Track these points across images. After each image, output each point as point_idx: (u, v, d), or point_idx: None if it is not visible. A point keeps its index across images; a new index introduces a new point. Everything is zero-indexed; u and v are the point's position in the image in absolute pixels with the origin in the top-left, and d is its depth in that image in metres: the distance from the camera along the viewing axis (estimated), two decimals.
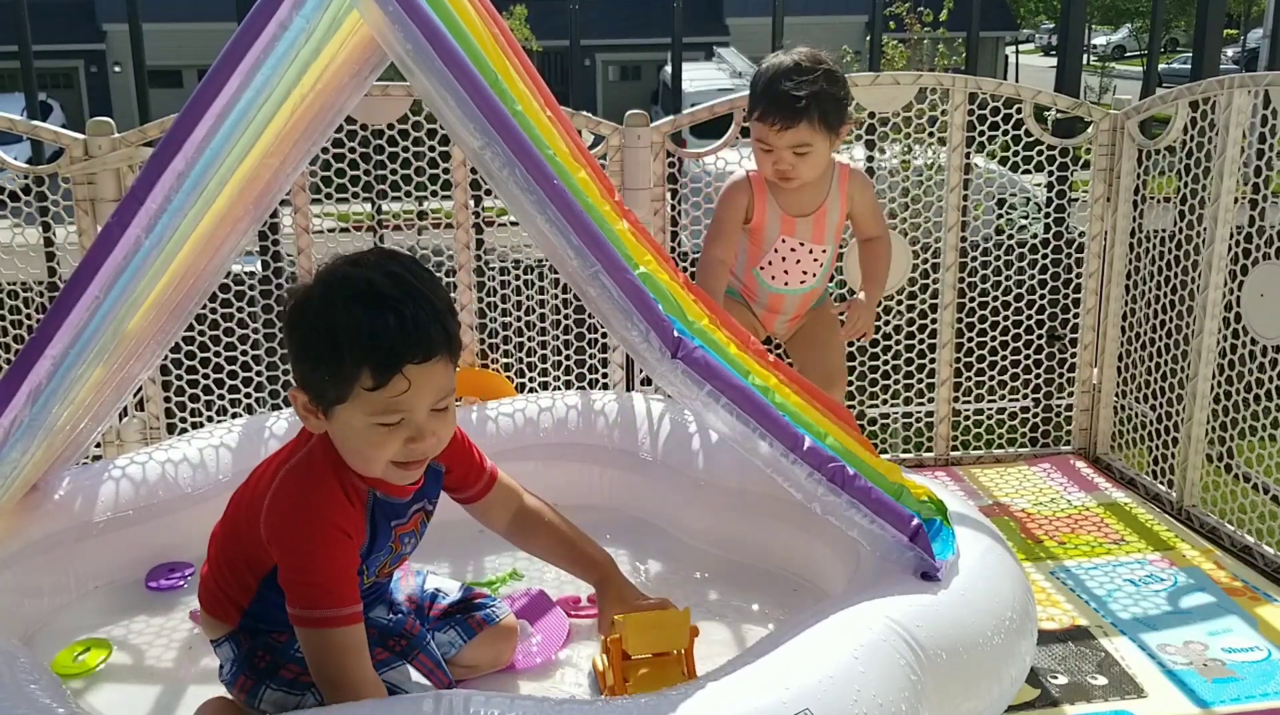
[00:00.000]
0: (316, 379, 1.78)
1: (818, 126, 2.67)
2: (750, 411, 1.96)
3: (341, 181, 3.29)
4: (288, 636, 1.92)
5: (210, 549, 2.03)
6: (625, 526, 2.77)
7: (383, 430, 1.78)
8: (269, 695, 1.93)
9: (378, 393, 1.75)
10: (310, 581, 1.80)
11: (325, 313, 1.75)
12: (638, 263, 1.97)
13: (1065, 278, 3.58)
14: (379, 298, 1.74)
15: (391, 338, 1.73)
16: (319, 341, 1.75)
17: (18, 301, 3.24)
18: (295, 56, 2.03)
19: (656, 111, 18.42)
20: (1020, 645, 1.95)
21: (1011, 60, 28.68)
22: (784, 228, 2.83)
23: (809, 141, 2.67)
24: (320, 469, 1.85)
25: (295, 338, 1.80)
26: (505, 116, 1.91)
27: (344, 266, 1.82)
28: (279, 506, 1.84)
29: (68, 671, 2.21)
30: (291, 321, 1.81)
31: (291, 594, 1.82)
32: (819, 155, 2.72)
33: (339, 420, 1.80)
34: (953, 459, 3.59)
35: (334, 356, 1.74)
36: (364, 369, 1.73)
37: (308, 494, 1.83)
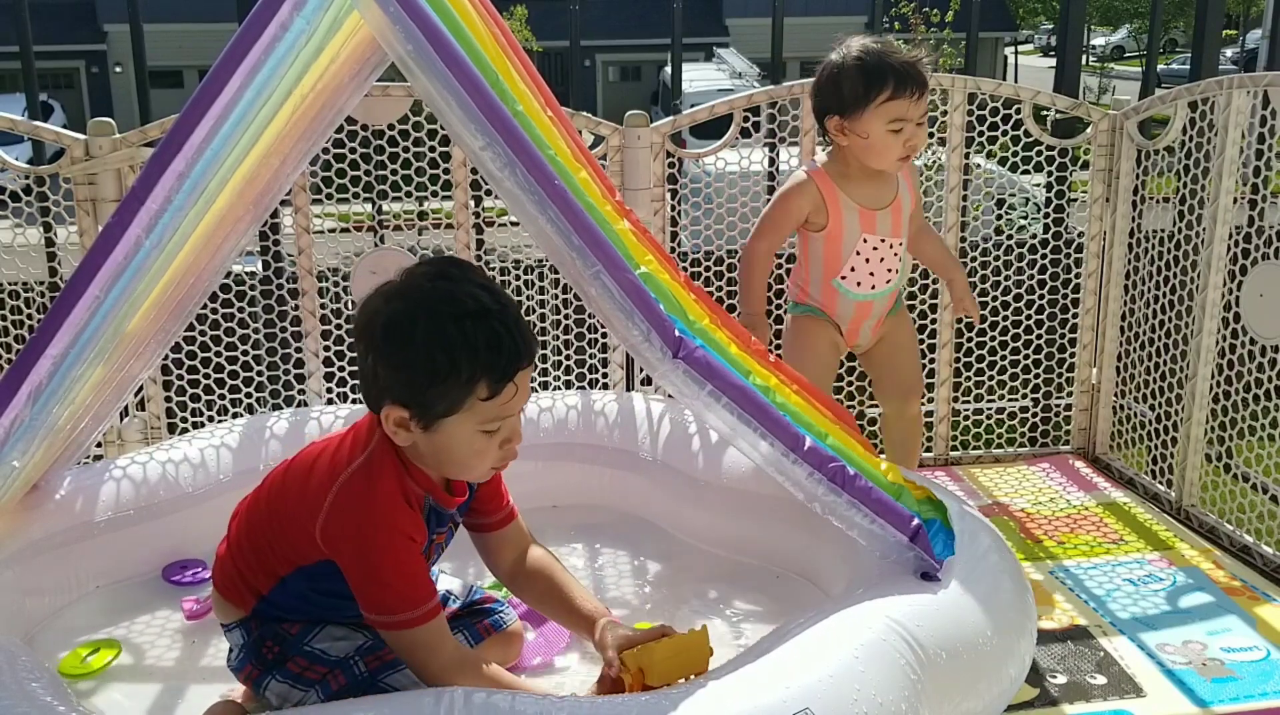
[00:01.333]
0: (430, 396, 1.79)
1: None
2: (751, 411, 1.96)
3: (342, 182, 3.30)
4: (300, 628, 1.93)
5: (233, 528, 2.01)
6: (625, 526, 2.78)
7: (485, 437, 1.84)
8: (274, 686, 1.94)
9: (490, 402, 1.80)
10: (385, 589, 1.82)
11: (439, 331, 1.76)
12: (639, 263, 1.97)
13: (1064, 278, 3.58)
14: (486, 312, 1.79)
15: (506, 350, 1.79)
16: (435, 360, 1.76)
17: (19, 301, 3.24)
18: (296, 57, 2.03)
19: (656, 112, 18.43)
20: (1020, 645, 1.95)
21: (1011, 61, 28.69)
22: (864, 224, 2.72)
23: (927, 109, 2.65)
24: (384, 478, 1.86)
25: (403, 357, 1.79)
26: (506, 117, 1.91)
27: (430, 282, 1.83)
28: (344, 517, 1.83)
29: (75, 672, 2.21)
30: (395, 342, 1.79)
31: (366, 602, 1.84)
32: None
33: (444, 432, 1.82)
34: (952, 459, 3.60)
35: (452, 372, 1.76)
36: (481, 382, 1.78)
37: (374, 506, 1.83)
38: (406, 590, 1.83)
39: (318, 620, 1.95)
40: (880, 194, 2.74)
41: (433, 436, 1.83)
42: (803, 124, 3.29)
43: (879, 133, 2.64)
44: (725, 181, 3.45)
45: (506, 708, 1.59)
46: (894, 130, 2.64)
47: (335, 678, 1.90)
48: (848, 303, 2.79)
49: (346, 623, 1.96)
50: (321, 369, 3.29)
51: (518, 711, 1.59)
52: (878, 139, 2.65)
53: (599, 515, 2.77)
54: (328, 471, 1.88)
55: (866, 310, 2.80)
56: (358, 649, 1.93)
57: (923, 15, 9.54)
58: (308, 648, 1.92)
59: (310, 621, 1.95)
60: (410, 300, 1.81)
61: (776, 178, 3.58)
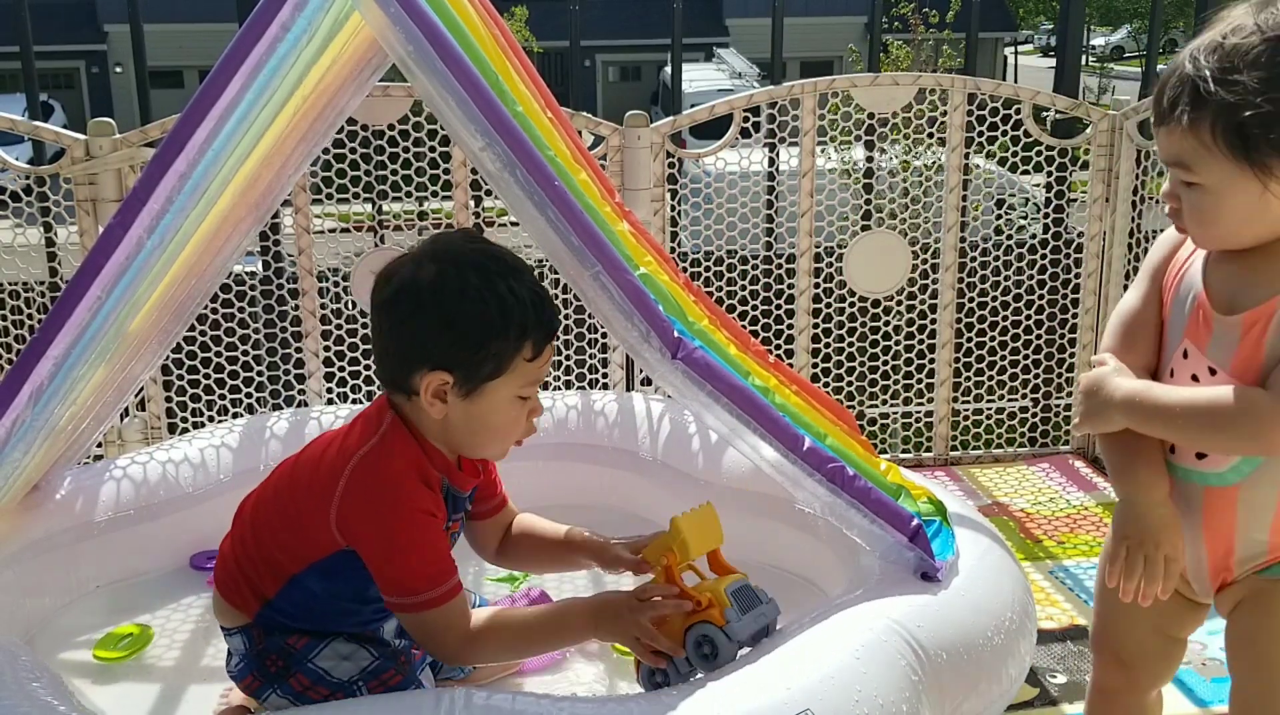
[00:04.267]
0: (480, 356, 1.77)
1: (1210, 139, 1.48)
2: (750, 412, 1.96)
3: (342, 182, 3.30)
4: (305, 643, 1.89)
5: (238, 526, 1.96)
6: (625, 526, 2.77)
7: (520, 405, 1.84)
8: (274, 700, 1.91)
9: (533, 363, 1.81)
10: (407, 567, 1.78)
11: (491, 287, 1.76)
12: (638, 264, 1.97)
13: (1064, 278, 3.59)
14: (524, 272, 1.82)
15: (549, 307, 1.83)
16: (489, 314, 1.76)
17: (19, 302, 3.25)
18: (297, 58, 2.03)
19: (656, 112, 18.44)
20: (1020, 645, 1.95)
21: (1010, 61, 28.70)
22: (1193, 326, 1.61)
23: (1184, 159, 1.51)
24: (401, 456, 1.82)
25: (456, 314, 1.76)
26: (506, 117, 1.91)
27: (466, 243, 1.86)
28: (360, 498, 1.79)
29: (109, 656, 2.25)
30: (449, 299, 1.76)
31: (387, 583, 1.80)
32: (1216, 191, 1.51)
33: (485, 398, 1.80)
34: (952, 459, 3.60)
35: (505, 328, 1.76)
36: (528, 340, 1.79)
37: (391, 484, 1.80)
38: (429, 567, 1.79)
39: (323, 633, 1.90)
40: (1245, 282, 1.57)
41: (472, 404, 1.80)
42: (803, 124, 3.29)
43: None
44: (725, 182, 3.45)
45: (507, 708, 1.59)
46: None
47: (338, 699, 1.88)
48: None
49: (353, 636, 1.92)
50: (321, 369, 3.29)
51: (518, 711, 1.59)
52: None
53: (599, 515, 2.76)
54: (339, 457, 1.84)
55: (1176, 497, 1.66)
56: (362, 671, 1.89)
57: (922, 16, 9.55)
58: (311, 665, 1.88)
59: (315, 635, 1.90)
60: (452, 259, 1.79)
61: (776, 178, 3.59)
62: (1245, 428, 1.48)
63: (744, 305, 3.54)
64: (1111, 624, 1.78)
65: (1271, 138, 1.41)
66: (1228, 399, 1.50)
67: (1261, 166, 1.43)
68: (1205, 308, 1.56)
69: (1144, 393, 1.58)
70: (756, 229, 3.60)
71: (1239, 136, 1.43)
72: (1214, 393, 1.53)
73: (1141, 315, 1.67)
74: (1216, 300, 1.56)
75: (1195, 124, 1.45)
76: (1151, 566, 1.58)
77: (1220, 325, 1.54)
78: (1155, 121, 1.54)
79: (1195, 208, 1.51)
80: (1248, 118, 1.41)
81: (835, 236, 3.51)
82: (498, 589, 2.54)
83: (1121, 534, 1.62)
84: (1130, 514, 1.62)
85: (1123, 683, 1.81)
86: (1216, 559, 1.63)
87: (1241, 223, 1.49)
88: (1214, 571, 1.64)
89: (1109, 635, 1.79)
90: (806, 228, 3.36)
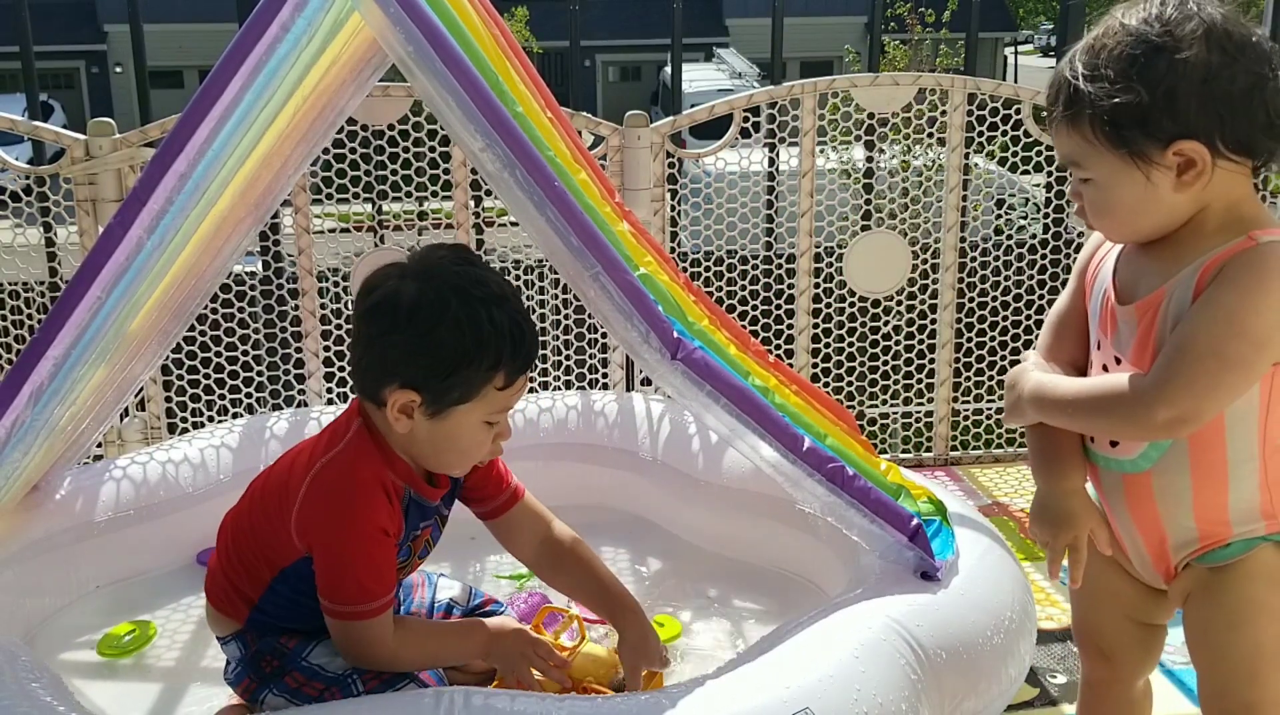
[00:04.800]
0: (451, 381, 1.76)
1: (1090, 134, 1.52)
2: (750, 412, 1.96)
3: (342, 182, 3.30)
4: (296, 642, 1.91)
5: (221, 538, 2.00)
6: (625, 526, 2.78)
7: (486, 429, 1.84)
8: (270, 700, 1.93)
9: (504, 392, 1.80)
10: (346, 578, 1.80)
11: (472, 314, 1.74)
12: (638, 264, 1.97)
13: (1064, 278, 3.58)
14: (509, 301, 1.79)
15: (529, 340, 1.81)
16: (465, 343, 1.74)
17: (19, 302, 3.25)
18: (297, 58, 2.03)
19: (656, 112, 18.44)
20: (1020, 644, 1.95)
21: (1010, 61, 28.70)
22: (1103, 317, 1.66)
23: (1075, 157, 1.57)
24: (362, 466, 1.83)
25: (431, 338, 1.75)
26: (506, 118, 1.91)
27: (454, 264, 1.81)
28: (317, 503, 1.81)
29: (111, 653, 2.28)
30: (424, 321, 1.75)
31: (324, 587, 1.82)
32: (1106, 184, 1.55)
33: (451, 421, 1.80)
34: (952, 459, 3.60)
35: (479, 357, 1.75)
36: (501, 371, 1.78)
37: (350, 492, 1.81)
38: (368, 582, 1.80)
39: (314, 632, 1.93)
40: (1141, 272, 1.61)
41: (437, 425, 1.80)
42: (803, 124, 3.29)
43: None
44: (725, 182, 3.45)
45: (506, 708, 1.59)
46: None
47: (332, 695, 1.88)
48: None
49: None
50: (321, 369, 3.29)
51: (518, 711, 1.59)
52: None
53: (599, 515, 2.76)
54: (305, 465, 1.86)
55: (1099, 486, 1.72)
56: (356, 665, 1.91)
57: (919, 15, 9.55)
58: (305, 662, 1.90)
59: (306, 634, 1.93)
60: (436, 281, 1.77)
61: (776, 178, 3.59)
62: (1122, 412, 1.53)
63: (744, 305, 3.55)
64: (1086, 615, 1.83)
65: (1142, 125, 1.47)
66: (1109, 386, 1.56)
67: (1140, 155, 1.48)
68: (1110, 299, 1.62)
69: (1045, 385, 1.65)
70: (756, 229, 3.60)
71: (1112, 127, 1.49)
72: (1101, 380, 1.60)
73: (1068, 312, 1.73)
74: (1121, 291, 1.62)
75: (1075, 122, 1.53)
76: (1052, 554, 1.66)
77: (1121, 315, 1.60)
78: (1047, 123, 1.62)
79: (1092, 202, 1.58)
80: (1116, 109, 1.47)
81: (835, 236, 3.51)
82: (499, 586, 2.54)
83: (1032, 524, 1.69)
84: (1039, 504, 1.68)
85: (1107, 674, 1.84)
86: (1154, 546, 1.66)
87: (1135, 212, 1.54)
88: (1156, 559, 1.67)
89: (1086, 627, 1.83)
90: (806, 228, 3.36)
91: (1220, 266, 1.47)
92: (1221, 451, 1.56)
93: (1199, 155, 1.46)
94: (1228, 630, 1.60)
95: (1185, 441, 1.56)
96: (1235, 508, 1.58)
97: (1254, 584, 1.59)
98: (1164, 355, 1.50)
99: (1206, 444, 1.55)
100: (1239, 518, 1.58)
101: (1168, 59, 1.46)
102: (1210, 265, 1.48)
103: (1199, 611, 1.64)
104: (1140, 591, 1.74)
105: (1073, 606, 1.86)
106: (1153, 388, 1.48)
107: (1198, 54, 1.45)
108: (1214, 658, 1.63)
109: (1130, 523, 1.66)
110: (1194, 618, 1.65)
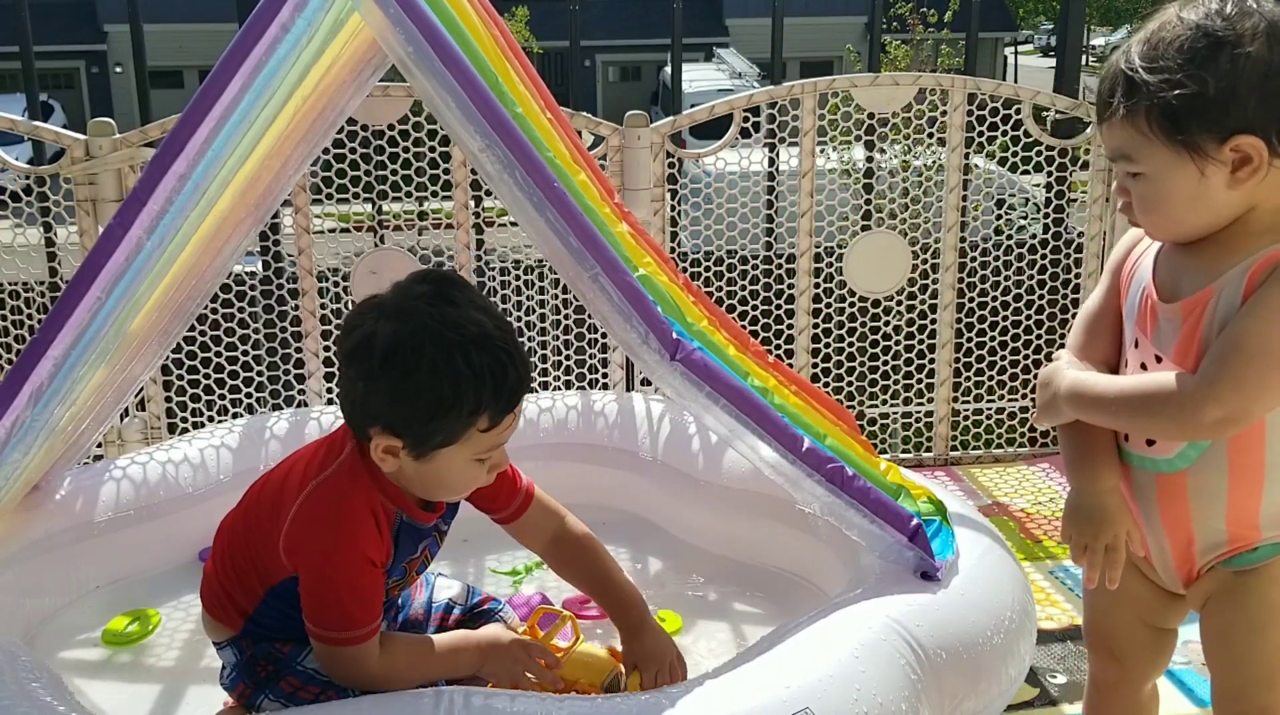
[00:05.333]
0: (431, 427, 1.73)
1: (1146, 127, 1.50)
2: (749, 413, 1.96)
3: (342, 182, 3.30)
4: (291, 647, 1.90)
5: (217, 543, 1.98)
6: (625, 526, 2.78)
7: (478, 465, 1.80)
8: (266, 704, 1.92)
9: (489, 432, 1.76)
10: (331, 605, 1.79)
11: (446, 361, 1.70)
12: (637, 265, 1.97)
13: (1064, 278, 3.59)
14: (489, 339, 1.73)
15: (512, 381, 1.75)
16: (440, 391, 1.70)
17: (19, 302, 3.25)
18: (297, 58, 2.03)
19: (656, 112, 18.44)
20: (1020, 644, 1.95)
21: (1010, 61, 28.70)
22: (1141, 315, 1.64)
23: (1126, 150, 1.54)
24: (352, 493, 1.80)
25: (404, 387, 1.71)
26: (505, 118, 1.91)
27: (430, 305, 1.74)
28: (305, 528, 1.80)
29: (117, 641, 2.31)
30: (399, 370, 1.71)
31: (309, 611, 1.81)
32: (1158, 178, 1.52)
33: (437, 462, 1.77)
34: (952, 459, 3.60)
35: (456, 405, 1.71)
36: (484, 414, 1.74)
37: (338, 521, 1.78)
38: (354, 611, 1.78)
39: (308, 639, 1.91)
40: (1184, 270, 1.60)
41: (424, 466, 1.78)
42: (803, 124, 3.29)
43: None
44: (725, 182, 3.45)
45: (505, 708, 1.59)
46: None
47: (329, 697, 1.87)
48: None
49: None
50: (321, 369, 3.29)
51: (516, 711, 1.59)
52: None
53: (599, 515, 2.75)
54: (298, 483, 1.84)
55: (1130, 485, 1.68)
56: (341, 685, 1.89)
57: (920, 15, 9.55)
58: (300, 667, 1.89)
59: (301, 641, 1.91)
60: (412, 324, 1.72)
61: (776, 178, 3.59)
62: (1168, 411, 1.51)
63: (744, 305, 3.55)
64: (1098, 617, 1.81)
65: (1201, 118, 1.45)
66: (1155, 384, 1.54)
67: (1196, 149, 1.46)
68: (1151, 297, 1.60)
69: (1083, 383, 1.63)
70: (756, 229, 3.60)
71: (1170, 120, 1.46)
72: (1144, 379, 1.57)
73: (1101, 310, 1.71)
74: (1162, 290, 1.59)
75: (1131, 113, 1.50)
76: (1092, 556, 1.62)
77: (1164, 313, 1.57)
78: (1098, 118, 1.58)
79: (1141, 197, 1.55)
80: (1176, 101, 1.45)
81: (835, 236, 3.52)
82: (499, 583, 2.54)
83: (1066, 525, 1.66)
84: (1075, 504, 1.65)
85: (1116, 675, 1.83)
86: (1179, 549, 1.64)
87: (1185, 209, 1.51)
88: (1179, 562, 1.66)
89: (1098, 628, 1.82)
90: (806, 228, 3.36)
91: (1272, 267, 1.46)
92: (1260, 454, 1.54)
93: (1256, 152, 1.44)
94: (1248, 634, 1.59)
95: (1225, 442, 1.54)
96: (1267, 511, 1.57)
97: (1277, 589, 1.58)
98: (1213, 355, 1.48)
99: (1246, 445, 1.54)
100: (1270, 522, 1.57)
101: (1229, 53, 1.44)
102: (1261, 266, 1.47)
103: (1219, 614, 1.62)
104: (1156, 595, 1.73)
105: (1085, 607, 1.85)
106: (1202, 387, 1.47)
107: (1259, 50, 1.43)
108: (1232, 661, 1.62)
109: (1159, 524, 1.64)
110: (1213, 620, 1.63)
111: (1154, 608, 1.75)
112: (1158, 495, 1.63)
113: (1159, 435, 1.60)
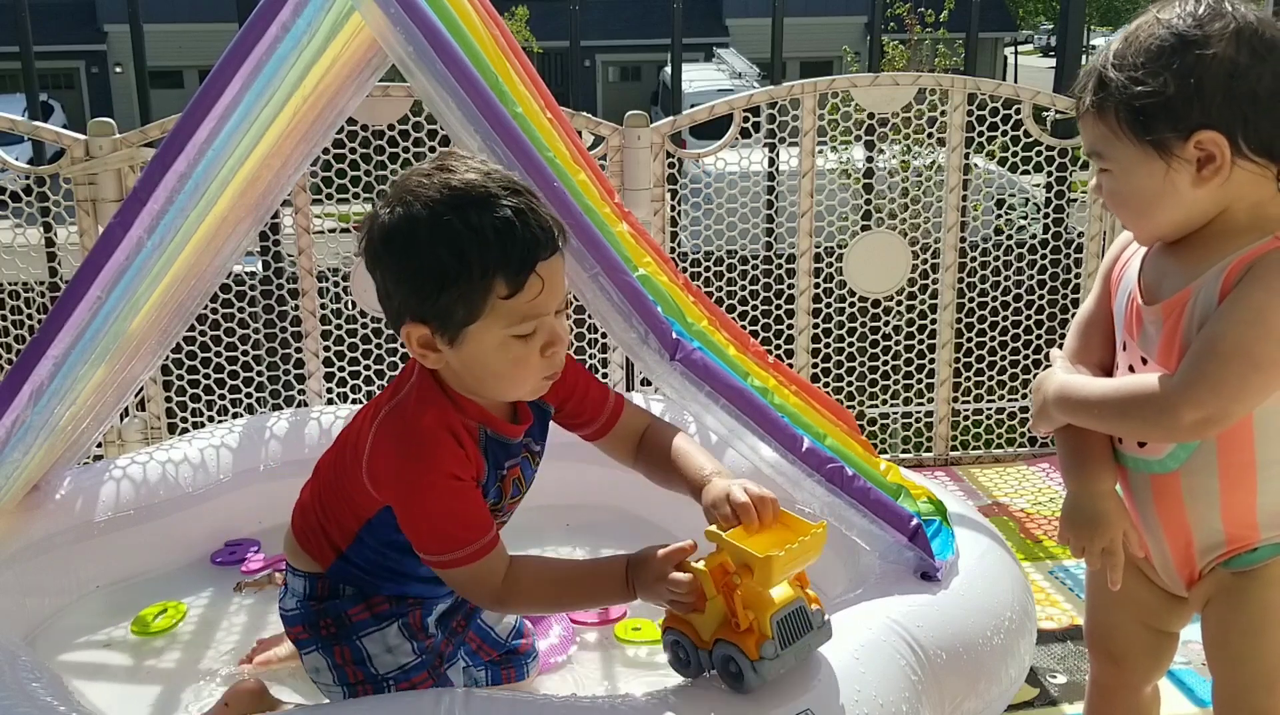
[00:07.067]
0: (444, 303, 1.62)
1: (1114, 123, 1.52)
2: (749, 413, 1.96)
3: (342, 182, 3.30)
4: (365, 618, 1.85)
5: (314, 480, 1.91)
6: (625, 526, 2.78)
7: (520, 343, 1.65)
8: (313, 659, 1.88)
9: (513, 300, 1.62)
10: (431, 531, 1.71)
11: (442, 228, 1.59)
12: (637, 265, 1.97)
13: (1064, 278, 3.59)
14: (491, 198, 1.61)
15: (520, 238, 1.60)
16: (441, 260, 1.59)
17: (19, 302, 3.25)
18: (297, 58, 2.03)
19: (656, 112, 18.44)
20: (1020, 644, 1.95)
21: (1011, 61, 28.70)
22: (1128, 318, 1.65)
23: (1098, 146, 1.57)
24: (422, 413, 1.71)
25: (407, 265, 1.63)
26: (505, 118, 1.91)
27: (426, 176, 1.65)
28: (384, 456, 1.72)
29: (145, 633, 2.34)
30: (398, 249, 1.63)
31: (413, 539, 1.74)
32: (1125, 175, 1.54)
33: (471, 343, 1.65)
34: (952, 459, 3.60)
35: (463, 271, 1.59)
36: (498, 277, 1.60)
37: (414, 443, 1.69)
38: (452, 530, 1.69)
39: (384, 616, 1.87)
40: (1164, 272, 1.61)
41: (460, 350, 1.66)
42: (803, 124, 3.29)
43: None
44: (725, 182, 3.45)
45: (506, 708, 1.59)
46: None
47: (365, 691, 1.86)
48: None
49: (407, 626, 1.87)
50: (321, 369, 3.29)
51: (518, 711, 1.59)
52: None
53: (599, 515, 2.76)
54: (372, 414, 1.78)
55: (1127, 487, 1.70)
56: (400, 668, 1.86)
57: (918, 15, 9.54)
58: (358, 642, 1.85)
59: (375, 613, 1.86)
60: (408, 200, 1.63)
61: (776, 178, 3.59)
62: (1148, 413, 1.52)
63: (744, 305, 3.55)
64: (1100, 619, 1.81)
65: (1164, 116, 1.46)
66: (1135, 387, 1.55)
67: (1160, 146, 1.47)
68: (1136, 300, 1.61)
69: (1069, 387, 1.64)
70: (756, 229, 3.60)
71: (1135, 116, 1.48)
72: (1125, 382, 1.59)
73: (1094, 315, 1.72)
74: (1145, 292, 1.61)
75: (1100, 109, 1.53)
76: (1090, 559, 1.63)
77: (1147, 315, 1.58)
78: (1076, 115, 1.60)
79: (1110, 193, 1.57)
80: (1141, 98, 1.47)
81: (835, 236, 3.52)
82: None
83: (1064, 528, 1.66)
84: (1071, 507, 1.66)
85: (1117, 678, 1.83)
86: (1179, 550, 1.64)
87: (1152, 205, 1.53)
88: (1179, 564, 1.65)
89: (1099, 630, 1.82)
90: (806, 228, 3.36)
91: (1247, 267, 1.47)
92: (1249, 453, 1.54)
93: (1219, 149, 1.45)
94: (1249, 636, 1.59)
95: (1214, 442, 1.54)
96: (1264, 510, 1.57)
97: (1276, 590, 1.58)
98: (1190, 356, 1.49)
99: (1235, 444, 1.54)
100: (1268, 521, 1.57)
101: (1195, 53, 1.45)
102: (1237, 265, 1.48)
103: (1220, 616, 1.62)
104: (1158, 597, 1.73)
105: (1086, 609, 1.85)
106: (1179, 389, 1.48)
107: (1226, 50, 1.45)
108: (1233, 663, 1.61)
109: (1157, 525, 1.64)
110: (1214, 622, 1.63)
111: (1155, 611, 1.74)
112: (1154, 496, 1.63)
113: (1142, 437, 1.61)
